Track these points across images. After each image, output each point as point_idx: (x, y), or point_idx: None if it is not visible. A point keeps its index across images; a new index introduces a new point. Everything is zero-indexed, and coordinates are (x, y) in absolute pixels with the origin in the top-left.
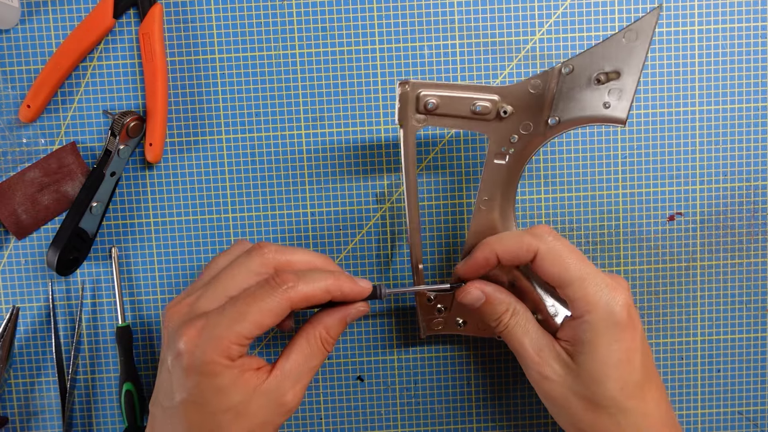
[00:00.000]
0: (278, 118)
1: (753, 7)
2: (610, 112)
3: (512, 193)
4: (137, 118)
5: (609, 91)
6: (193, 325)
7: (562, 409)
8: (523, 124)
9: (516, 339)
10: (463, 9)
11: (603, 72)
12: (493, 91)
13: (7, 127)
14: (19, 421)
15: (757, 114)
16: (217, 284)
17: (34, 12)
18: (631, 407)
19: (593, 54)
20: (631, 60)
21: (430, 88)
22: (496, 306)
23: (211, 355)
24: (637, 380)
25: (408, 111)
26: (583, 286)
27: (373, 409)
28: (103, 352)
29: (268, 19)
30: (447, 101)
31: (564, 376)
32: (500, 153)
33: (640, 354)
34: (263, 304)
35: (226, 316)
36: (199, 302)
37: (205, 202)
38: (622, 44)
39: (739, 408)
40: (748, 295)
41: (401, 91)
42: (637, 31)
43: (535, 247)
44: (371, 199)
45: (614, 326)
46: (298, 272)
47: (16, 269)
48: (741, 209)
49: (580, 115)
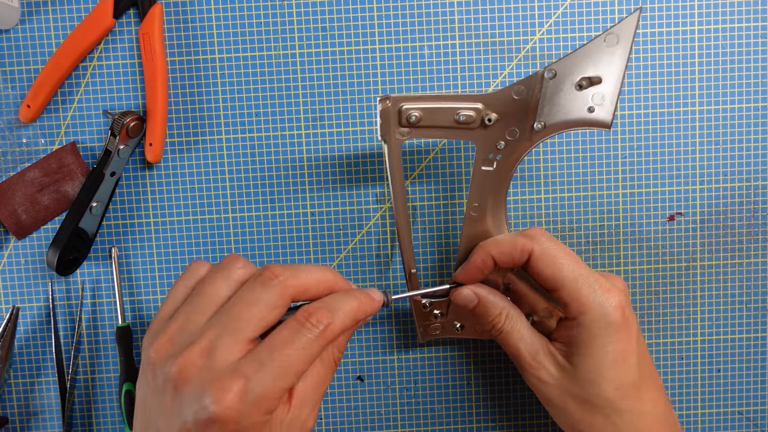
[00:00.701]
0: (278, 118)
1: (753, 7)
2: (594, 116)
3: (502, 199)
4: (137, 118)
5: (593, 95)
6: (231, 389)
7: (560, 411)
8: (509, 130)
9: (511, 343)
10: (463, 9)
11: (585, 77)
12: (477, 99)
13: (7, 127)
14: (19, 421)
15: (757, 114)
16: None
17: (34, 12)
18: (626, 407)
19: (575, 58)
20: (613, 64)
21: (411, 101)
22: (489, 308)
23: (257, 416)
24: (632, 380)
25: (391, 126)
26: (577, 288)
27: (373, 409)
28: (103, 352)
29: (268, 19)
30: (430, 113)
31: (560, 379)
32: (487, 160)
33: (636, 354)
34: (304, 353)
35: (267, 372)
36: (217, 350)
37: (205, 202)
38: (603, 48)
39: (739, 408)
40: (748, 295)
41: (382, 108)
42: (617, 34)
43: (530, 248)
44: (371, 199)
45: (608, 327)
46: (327, 306)
47: (16, 269)
48: (741, 209)
49: (565, 120)
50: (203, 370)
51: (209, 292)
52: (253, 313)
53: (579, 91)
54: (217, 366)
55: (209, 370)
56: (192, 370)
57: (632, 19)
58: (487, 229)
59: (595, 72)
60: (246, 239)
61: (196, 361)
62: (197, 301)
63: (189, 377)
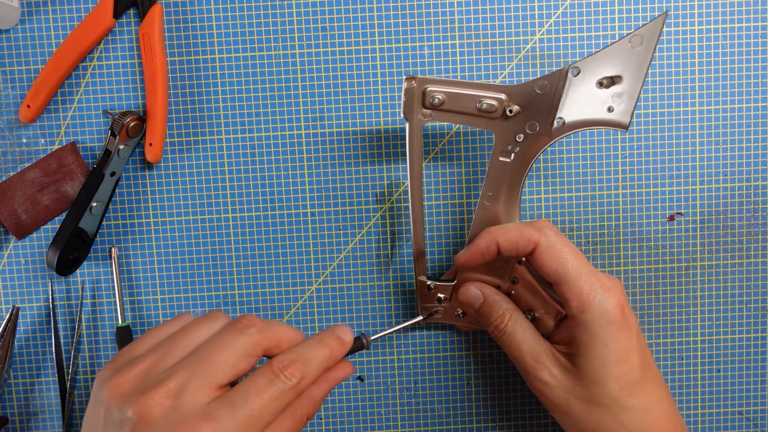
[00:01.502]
0: (278, 118)
1: (753, 7)
2: (613, 117)
3: (517, 191)
4: (137, 118)
5: (613, 95)
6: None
7: (565, 414)
8: (529, 123)
9: (513, 345)
10: (463, 9)
11: (606, 76)
12: (501, 89)
13: (7, 127)
14: (19, 421)
15: (757, 114)
16: (205, 366)
17: (34, 12)
18: (632, 405)
19: (599, 58)
20: (636, 65)
21: (436, 84)
22: (494, 308)
23: None
24: (636, 378)
25: (414, 105)
26: (578, 284)
27: (373, 409)
28: (103, 352)
29: (268, 19)
30: (453, 97)
31: (563, 381)
32: (505, 151)
33: (638, 352)
34: (275, 405)
35: (238, 419)
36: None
37: (205, 202)
38: (627, 49)
39: (739, 408)
40: (748, 295)
41: (407, 86)
42: (642, 36)
43: (536, 240)
44: (371, 199)
45: (608, 325)
46: (301, 358)
47: (16, 269)
48: (741, 209)
49: (585, 118)
50: (170, 412)
51: (186, 338)
52: (227, 357)
53: (601, 88)
54: (186, 409)
55: (176, 412)
56: (156, 411)
57: (658, 22)
58: (499, 219)
59: (618, 72)
60: (246, 239)
61: (161, 402)
62: (172, 346)
63: (152, 419)
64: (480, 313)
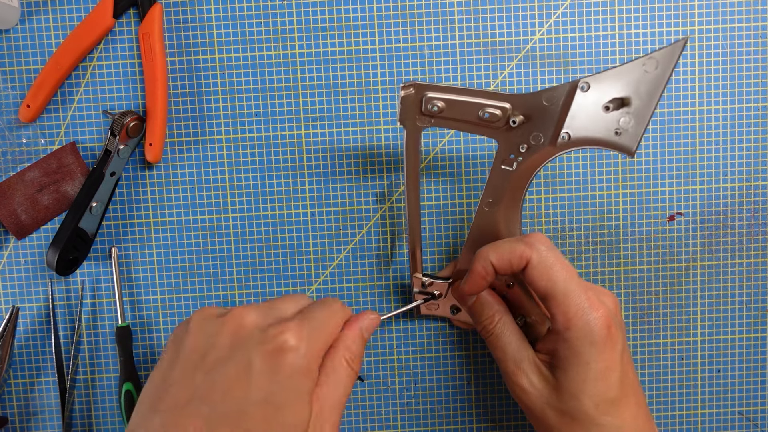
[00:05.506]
0: (278, 118)
1: (753, 7)
2: (619, 140)
3: (518, 200)
4: (137, 118)
5: (621, 118)
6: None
7: (540, 421)
8: (533, 135)
9: (498, 347)
10: (463, 9)
11: (616, 97)
12: (505, 98)
13: (7, 127)
14: (19, 421)
15: (757, 114)
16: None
17: (34, 12)
18: (605, 423)
19: (610, 76)
20: (648, 89)
21: (436, 90)
22: (485, 308)
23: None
24: (612, 397)
25: (411, 113)
26: (566, 303)
27: (373, 409)
28: (103, 352)
29: (268, 19)
30: (453, 105)
31: (541, 390)
32: (508, 159)
33: (618, 372)
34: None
35: (321, 317)
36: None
37: (205, 202)
38: (641, 71)
39: (739, 408)
40: (748, 295)
41: (404, 94)
42: (658, 60)
43: (528, 256)
44: (371, 199)
45: (592, 346)
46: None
47: (16, 269)
48: (741, 209)
49: (591, 137)
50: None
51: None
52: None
53: (607, 112)
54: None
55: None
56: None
57: (676, 48)
58: (498, 226)
59: (628, 93)
60: (246, 239)
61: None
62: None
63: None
64: (471, 311)
